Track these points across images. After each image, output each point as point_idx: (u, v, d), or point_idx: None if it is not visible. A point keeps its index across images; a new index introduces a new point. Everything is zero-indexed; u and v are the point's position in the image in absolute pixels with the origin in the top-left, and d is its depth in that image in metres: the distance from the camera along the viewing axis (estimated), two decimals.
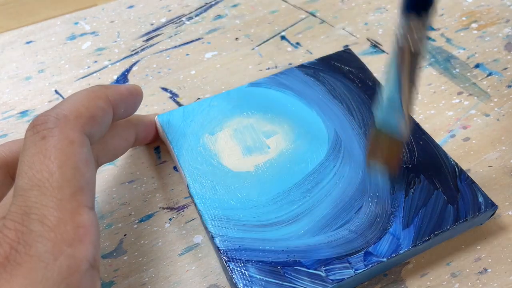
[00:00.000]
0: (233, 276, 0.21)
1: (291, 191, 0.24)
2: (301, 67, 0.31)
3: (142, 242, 0.25)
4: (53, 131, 0.18)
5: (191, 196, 0.25)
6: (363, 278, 0.23)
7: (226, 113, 0.28)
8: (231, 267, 0.21)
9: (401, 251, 0.22)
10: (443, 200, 0.24)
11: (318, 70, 0.30)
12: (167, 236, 0.25)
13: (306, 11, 0.38)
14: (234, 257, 0.22)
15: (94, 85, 0.21)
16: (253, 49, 0.35)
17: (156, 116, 0.28)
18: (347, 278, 0.21)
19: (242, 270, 0.21)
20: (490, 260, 0.24)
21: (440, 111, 0.30)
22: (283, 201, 0.24)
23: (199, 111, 0.28)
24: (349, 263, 0.22)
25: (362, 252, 0.22)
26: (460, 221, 0.23)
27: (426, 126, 0.29)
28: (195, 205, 0.24)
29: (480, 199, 0.24)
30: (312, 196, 0.24)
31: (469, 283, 0.23)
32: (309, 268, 0.22)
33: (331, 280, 0.21)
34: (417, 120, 0.30)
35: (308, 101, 0.29)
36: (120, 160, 0.28)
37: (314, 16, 0.38)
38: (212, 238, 0.23)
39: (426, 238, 0.22)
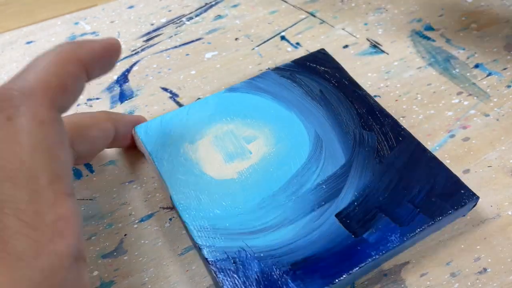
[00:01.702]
0: (224, 287, 0.21)
1: (276, 195, 0.24)
2: (277, 69, 0.30)
3: (142, 242, 0.25)
4: (20, 109, 0.16)
5: (174, 207, 0.24)
6: (355, 276, 0.22)
7: (205, 121, 0.28)
8: (221, 278, 0.21)
9: (390, 247, 0.22)
10: (426, 194, 0.24)
11: (294, 72, 0.30)
12: (167, 236, 0.25)
13: (306, 11, 0.38)
14: (223, 267, 0.21)
15: (62, 43, 0.19)
16: (253, 49, 0.35)
17: (134, 128, 0.27)
18: (340, 278, 0.21)
19: (233, 280, 0.21)
20: (489, 260, 0.24)
21: (439, 111, 0.30)
22: (269, 206, 0.24)
23: (178, 120, 0.27)
24: (341, 262, 0.22)
25: (353, 250, 0.22)
26: (444, 215, 0.23)
27: (425, 126, 0.30)
28: (180, 217, 0.24)
29: (462, 191, 0.24)
30: (297, 199, 0.24)
31: (469, 283, 0.23)
32: (300, 270, 0.21)
33: (323, 281, 0.21)
34: (417, 120, 0.30)
35: (286, 103, 0.29)
36: (120, 160, 0.28)
37: (314, 16, 0.38)
38: (199, 249, 0.22)
39: (413, 233, 0.22)
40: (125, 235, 0.25)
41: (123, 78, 0.33)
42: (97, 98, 0.32)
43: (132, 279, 0.23)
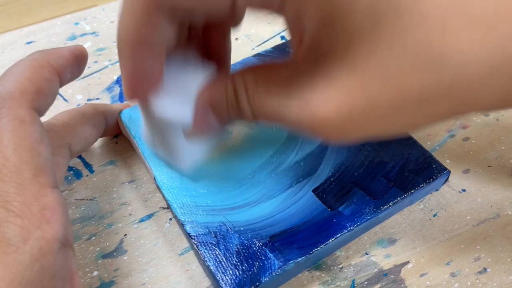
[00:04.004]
0: (205, 259, 0.22)
1: (256, 173, 0.25)
2: (258, 55, 0.31)
3: (142, 242, 0.25)
4: (1, 111, 0.17)
5: (158, 187, 0.25)
6: (333, 248, 0.24)
7: None
8: (202, 251, 0.22)
9: (365, 219, 0.23)
10: (400, 169, 0.25)
11: (274, 58, 0.31)
12: (167, 236, 0.25)
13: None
14: (204, 241, 0.22)
15: (33, 53, 0.20)
16: (253, 49, 0.35)
17: (119, 113, 0.28)
18: (316, 248, 0.22)
19: (214, 253, 0.22)
20: (489, 260, 0.24)
21: None
22: (249, 183, 0.25)
23: None
24: (317, 234, 0.22)
25: (329, 223, 0.23)
26: (416, 188, 0.24)
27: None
28: (163, 195, 0.25)
29: (434, 166, 0.25)
30: (275, 176, 0.25)
31: (469, 283, 0.23)
32: (278, 242, 0.22)
33: (300, 251, 0.22)
34: None
35: None
36: (120, 160, 0.28)
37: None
38: (182, 225, 0.23)
39: (387, 205, 0.23)
40: (125, 235, 0.25)
41: None
42: (97, 98, 0.32)
43: (132, 279, 0.23)
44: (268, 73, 0.18)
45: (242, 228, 0.23)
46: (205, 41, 0.22)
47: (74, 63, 0.21)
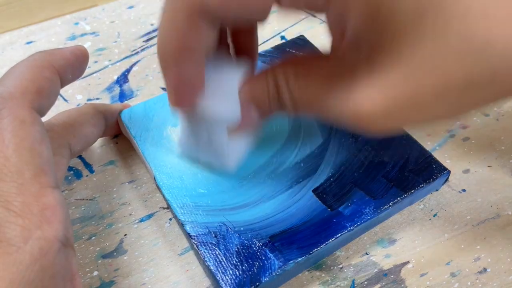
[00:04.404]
0: (205, 259, 0.22)
1: (256, 174, 0.25)
2: (258, 55, 0.31)
3: (142, 242, 0.25)
4: (2, 112, 0.17)
5: (158, 187, 0.25)
6: (333, 248, 0.24)
7: None
8: (202, 251, 0.22)
9: (365, 219, 0.23)
10: (400, 169, 0.25)
11: (274, 58, 0.31)
12: (167, 236, 0.25)
13: (306, 11, 0.38)
14: (204, 241, 0.22)
15: (34, 53, 0.20)
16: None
17: (119, 113, 0.28)
18: (316, 249, 0.22)
19: (214, 253, 0.22)
20: (489, 260, 0.24)
21: None
22: (249, 184, 0.25)
23: (161, 105, 0.28)
24: (317, 234, 0.23)
25: (329, 223, 0.23)
26: (416, 188, 0.24)
27: (425, 126, 0.30)
28: (163, 195, 0.25)
29: (434, 166, 0.25)
30: (275, 177, 0.25)
31: (469, 283, 0.23)
32: (278, 242, 0.22)
33: (300, 251, 0.22)
34: None
35: None
36: (120, 160, 0.28)
37: (314, 16, 0.38)
38: (182, 225, 0.23)
39: (386, 205, 0.23)
40: (125, 235, 0.25)
41: (123, 78, 0.33)
42: (97, 98, 0.32)
43: (132, 279, 0.23)
44: (308, 65, 0.18)
45: (242, 228, 0.23)
46: (234, 38, 0.22)
47: (75, 64, 0.21)
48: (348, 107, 0.17)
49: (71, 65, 0.21)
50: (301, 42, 0.32)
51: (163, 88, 0.33)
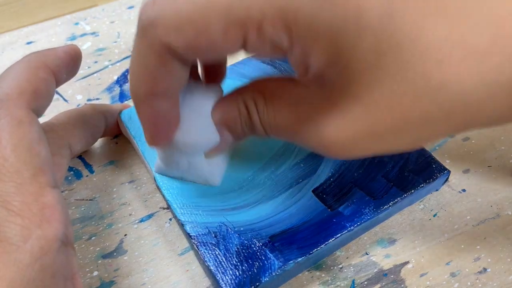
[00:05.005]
0: (205, 259, 0.22)
1: (256, 175, 0.25)
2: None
3: (142, 242, 0.25)
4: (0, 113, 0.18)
5: (158, 187, 0.25)
6: (333, 248, 0.24)
7: None
8: (202, 251, 0.22)
9: (365, 219, 0.23)
10: (400, 169, 0.25)
11: (282, 63, 0.31)
12: (167, 236, 0.25)
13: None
14: (204, 241, 0.22)
15: (29, 54, 0.20)
16: None
17: (118, 113, 0.28)
18: (316, 249, 0.22)
19: (214, 253, 0.22)
20: (489, 260, 0.24)
21: None
22: (249, 185, 0.25)
23: None
24: (317, 234, 0.23)
25: (329, 223, 0.23)
26: (416, 188, 0.24)
27: None
28: (163, 195, 0.25)
29: (434, 166, 0.25)
30: (275, 178, 0.25)
31: (469, 283, 0.23)
32: (278, 242, 0.22)
33: (300, 251, 0.22)
34: None
35: None
36: (120, 160, 0.28)
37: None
38: (182, 225, 0.23)
39: (386, 205, 0.23)
40: (125, 235, 0.25)
41: (123, 78, 0.33)
42: (97, 99, 0.32)
43: (132, 279, 0.23)
44: (278, 91, 0.19)
45: (242, 228, 0.23)
46: (205, 68, 0.23)
47: (69, 63, 0.21)
48: (314, 137, 0.18)
49: (65, 65, 0.21)
50: None
51: None
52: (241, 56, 0.34)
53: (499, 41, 0.13)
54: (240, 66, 0.30)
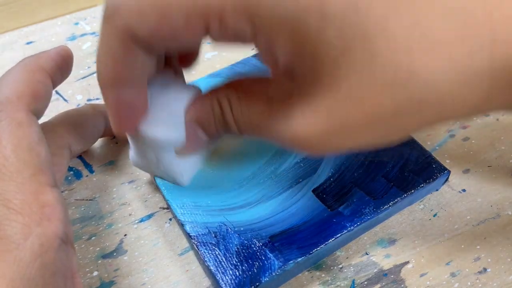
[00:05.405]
0: (205, 259, 0.22)
1: (256, 174, 0.25)
2: (257, 55, 0.31)
3: (142, 242, 0.25)
4: (0, 115, 0.18)
5: (158, 187, 0.25)
6: (333, 248, 0.24)
7: None
8: (202, 251, 0.22)
9: (365, 219, 0.23)
10: (400, 169, 0.25)
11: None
12: (167, 236, 0.25)
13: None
14: (204, 241, 0.22)
15: (24, 59, 0.21)
16: (253, 49, 0.35)
17: None
18: (316, 249, 0.22)
19: (214, 253, 0.22)
20: (489, 260, 0.24)
21: None
22: (249, 184, 0.25)
23: None
24: (317, 234, 0.23)
25: (329, 223, 0.23)
26: (416, 188, 0.24)
27: None
28: (163, 195, 0.25)
29: (434, 166, 0.25)
30: (275, 177, 0.25)
31: (469, 283, 0.23)
32: (278, 242, 0.22)
33: (300, 251, 0.22)
34: None
35: None
36: (120, 160, 0.28)
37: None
38: (182, 225, 0.23)
39: (386, 205, 0.23)
40: (125, 235, 0.25)
41: None
42: (97, 98, 0.32)
43: (132, 279, 0.23)
44: (251, 89, 0.19)
45: (242, 228, 0.23)
46: (180, 60, 0.23)
47: (63, 64, 0.22)
48: (286, 133, 0.17)
49: (59, 66, 0.21)
50: None
51: None
52: (241, 56, 0.34)
53: (468, 29, 0.13)
54: (240, 66, 0.30)
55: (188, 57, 0.23)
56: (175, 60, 0.22)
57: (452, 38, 0.13)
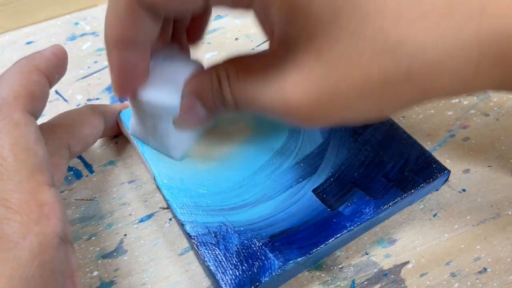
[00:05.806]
0: (205, 259, 0.22)
1: (256, 174, 0.25)
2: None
3: (142, 242, 0.25)
4: None
5: (158, 187, 0.25)
6: (333, 248, 0.24)
7: None
8: (202, 251, 0.22)
9: (365, 219, 0.23)
10: (400, 169, 0.25)
11: None
12: (167, 236, 0.25)
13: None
14: (204, 241, 0.22)
15: (19, 60, 0.21)
16: (253, 49, 0.35)
17: (118, 113, 0.28)
18: (316, 249, 0.22)
19: (214, 253, 0.22)
20: (489, 260, 0.24)
21: (439, 110, 0.30)
22: (249, 184, 0.25)
23: None
24: (317, 234, 0.23)
25: (329, 222, 0.23)
26: (416, 188, 0.24)
27: (425, 126, 0.30)
28: (163, 195, 0.25)
29: (434, 166, 0.25)
30: (275, 177, 0.25)
31: (469, 283, 0.23)
32: (278, 242, 0.22)
33: (300, 251, 0.22)
34: (417, 120, 0.30)
35: None
36: (120, 160, 0.28)
37: None
38: (182, 225, 0.23)
39: (386, 205, 0.23)
40: (125, 235, 0.25)
41: None
42: (97, 99, 0.32)
43: (132, 279, 0.23)
44: (248, 62, 0.20)
45: (242, 228, 0.23)
46: (187, 33, 0.24)
47: (58, 63, 0.22)
48: (278, 101, 0.18)
49: (54, 65, 0.21)
50: None
51: None
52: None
53: (458, 0, 0.13)
54: None
55: (195, 33, 0.23)
56: (183, 35, 0.23)
57: (440, 8, 0.14)
